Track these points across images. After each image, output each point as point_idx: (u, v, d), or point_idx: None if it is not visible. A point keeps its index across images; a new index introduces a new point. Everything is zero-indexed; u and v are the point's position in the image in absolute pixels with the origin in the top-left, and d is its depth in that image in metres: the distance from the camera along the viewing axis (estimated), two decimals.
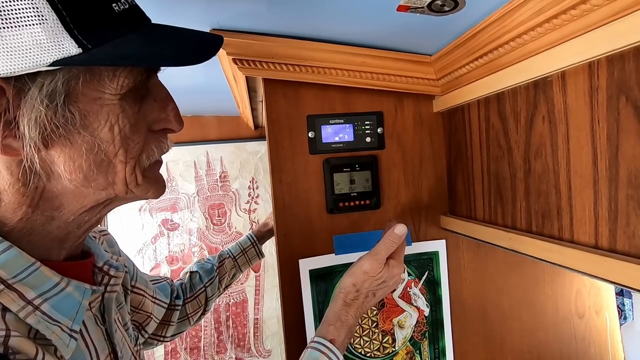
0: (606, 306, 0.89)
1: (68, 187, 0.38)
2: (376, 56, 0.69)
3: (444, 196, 0.81)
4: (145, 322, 0.71)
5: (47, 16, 0.30)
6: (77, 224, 0.41)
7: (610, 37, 0.40)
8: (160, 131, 0.43)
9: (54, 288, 0.38)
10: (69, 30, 0.31)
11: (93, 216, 0.42)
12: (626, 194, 0.42)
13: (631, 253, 0.41)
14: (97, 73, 0.35)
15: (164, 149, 0.44)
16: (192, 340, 1.54)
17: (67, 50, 0.31)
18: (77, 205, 0.40)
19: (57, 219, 0.40)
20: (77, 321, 0.39)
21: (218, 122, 1.56)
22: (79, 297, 0.41)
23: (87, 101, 0.35)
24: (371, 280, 0.60)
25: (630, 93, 0.40)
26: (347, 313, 0.59)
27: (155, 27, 0.39)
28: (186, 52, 0.39)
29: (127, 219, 1.49)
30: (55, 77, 0.33)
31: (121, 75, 0.36)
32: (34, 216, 0.38)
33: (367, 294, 0.60)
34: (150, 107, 0.41)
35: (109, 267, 0.48)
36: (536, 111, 0.54)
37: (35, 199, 0.37)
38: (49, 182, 0.37)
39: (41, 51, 0.31)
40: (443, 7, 0.51)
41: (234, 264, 0.96)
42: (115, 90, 0.36)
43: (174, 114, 0.43)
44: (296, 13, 0.56)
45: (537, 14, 0.46)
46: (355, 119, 0.76)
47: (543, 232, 0.55)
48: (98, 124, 0.36)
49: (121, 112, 0.37)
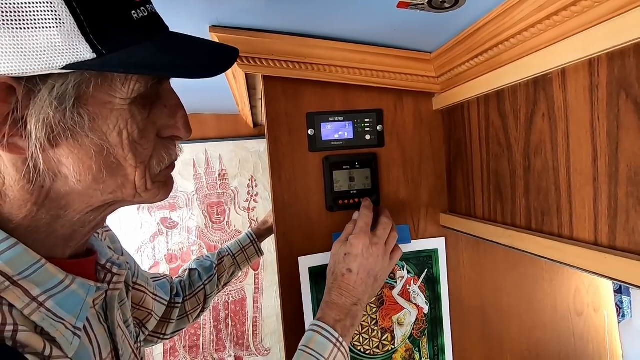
0: (605, 304, 0.89)
1: (75, 188, 0.38)
2: (376, 53, 0.68)
3: (444, 194, 0.81)
4: (146, 319, 0.71)
5: (65, 20, 0.30)
6: (82, 223, 0.42)
7: (610, 33, 0.40)
8: (169, 138, 0.43)
9: (58, 285, 0.38)
10: (85, 35, 0.31)
11: (98, 215, 0.43)
12: (626, 190, 0.42)
13: (631, 250, 0.41)
14: (109, 77, 0.35)
15: (174, 156, 0.44)
16: (191, 339, 1.54)
17: (82, 55, 0.31)
18: (83, 205, 0.40)
19: (63, 218, 0.40)
20: (80, 318, 0.40)
21: (217, 120, 1.56)
22: (84, 294, 0.41)
23: (97, 105, 0.35)
24: (335, 258, 0.65)
25: (631, 90, 0.40)
26: (330, 294, 0.62)
27: (172, 35, 0.39)
28: (201, 63, 0.39)
29: (125, 218, 1.49)
30: (67, 80, 0.33)
31: (132, 80, 0.36)
32: (39, 214, 0.38)
33: (341, 272, 0.63)
34: (160, 113, 0.41)
35: (112, 265, 0.49)
36: (536, 108, 0.54)
37: (40, 197, 0.38)
38: (55, 182, 0.37)
39: (56, 54, 0.30)
40: (443, 3, 0.51)
41: (233, 261, 0.96)
42: (126, 95, 0.36)
43: (184, 122, 0.43)
44: (296, 10, 0.56)
45: (537, 11, 0.46)
46: (355, 116, 0.76)
47: (543, 229, 0.55)
48: (107, 128, 0.36)
49: (130, 117, 0.37)
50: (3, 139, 0.33)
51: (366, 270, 0.62)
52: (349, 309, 0.60)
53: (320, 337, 0.56)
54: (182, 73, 0.37)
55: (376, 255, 0.63)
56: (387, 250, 0.66)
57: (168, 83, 0.42)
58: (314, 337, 0.56)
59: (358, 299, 0.61)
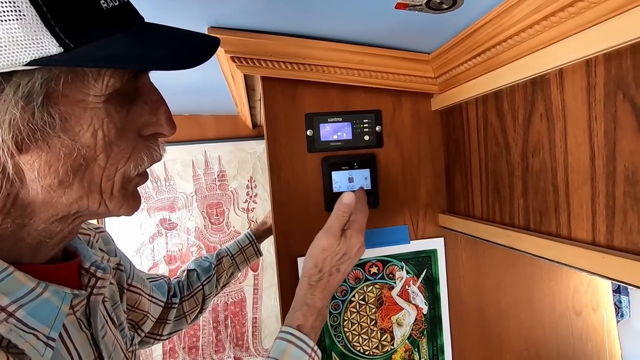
0: (603, 303, 0.89)
1: (39, 194, 0.35)
2: (374, 54, 0.69)
3: (442, 194, 0.81)
4: (142, 320, 0.71)
5: (26, 12, 0.28)
6: (49, 234, 0.39)
7: (607, 34, 0.40)
8: (151, 136, 0.40)
9: (29, 293, 0.36)
10: (50, 28, 0.29)
11: (65, 226, 0.40)
12: (623, 190, 0.42)
13: (628, 249, 0.42)
14: (80, 73, 0.32)
15: (156, 156, 0.41)
16: (190, 340, 1.54)
17: (47, 49, 0.29)
18: (47, 214, 0.37)
19: (28, 226, 0.37)
20: (55, 328, 0.37)
21: (216, 121, 1.56)
22: (58, 302, 0.38)
23: (69, 103, 0.33)
24: (331, 255, 0.59)
25: (628, 90, 0.40)
26: (313, 295, 0.57)
27: (147, 26, 0.37)
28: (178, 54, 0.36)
29: (124, 219, 1.49)
30: (33, 77, 0.30)
31: (106, 74, 0.33)
32: (4, 223, 0.35)
33: (330, 271, 0.59)
34: (140, 110, 0.38)
35: (96, 269, 0.46)
36: (534, 109, 0.54)
37: (6, 206, 0.35)
38: (22, 189, 0.35)
39: (17, 49, 0.28)
40: (441, 4, 0.51)
41: (232, 262, 0.96)
42: (100, 92, 0.34)
43: (166, 118, 0.40)
44: (294, 11, 0.56)
45: (534, 12, 0.46)
46: (354, 117, 0.76)
47: (541, 229, 0.55)
48: (80, 128, 0.34)
49: (106, 116, 0.35)
50: None
51: (347, 273, 0.60)
52: (324, 313, 0.57)
53: (296, 350, 0.52)
54: (157, 65, 0.35)
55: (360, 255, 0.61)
56: None
57: (147, 78, 0.40)
58: (288, 349, 0.52)
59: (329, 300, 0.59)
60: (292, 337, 0.53)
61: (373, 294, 0.78)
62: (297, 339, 0.53)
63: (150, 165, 0.41)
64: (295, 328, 0.54)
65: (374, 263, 0.78)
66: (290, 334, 0.54)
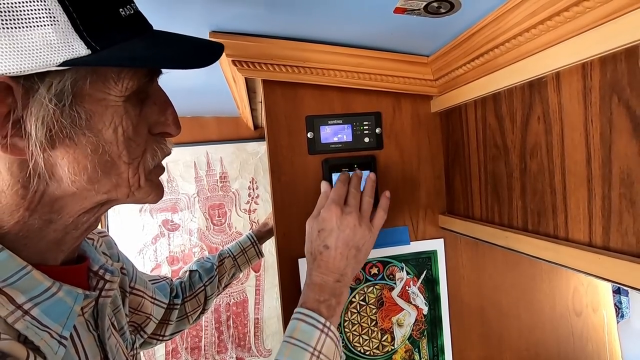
0: (603, 304, 0.89)
1: (69, 190, 0.38)
2: (373, 57, 0.69)
3: (442, 195, 0.82)
4: (144, 323, 0.71)
5: (59, 17, 0.31)
6: (75, 226, 0.41)
7: (602, 38, 0.40)
8: (159, 134, 0.44)
9: (44, 293, 0.38)
10: (79, 32, 0.32)
11: (92, 216, 0.42)
12: (619, 192, 0.42)
13: (624, 251, 0.42)
14: (102, 74, 0.36)
15: (166, 150, 0.45)
16: (192, 340, 1.55)
17: (77, 51, 0.32)
18: (76, 208, 0.40)
19: (55, 222, 0.39)
20: (67, 327, 0.39)
21: (218, 122, 1.57)
22: (71, 302, 0.40)
23: (93, 102, 0.36)
24: (311, 237, 0.62)
25: (622, 93, 0.40)
26: (311, 275, 0.59)
27: (158, 33, 0.40)
28: (190, 55, 0.40)
29: (127, 220, 1.50)
30: (64, 77, 0.34)
31: (126, 77, 0.37)
32: (31, 220, 0.38)
33: (318, 249, 0.60)
34: (151, 110, 0.42)
35: (105, 272, 0.48)
36: (531, 111, 0.55)
37: (34, 202, 0.37)
38: (50, 185, 0.37)
39: (52, 51, 0.31)
40: (439, 9, 0.52)
41: (233, 263, 0.97)
42: (120, 92, 0.37)
43: (173, 118, 0.44)
44: (294, 15, 0.57)
45: (531, 16, 0.47)
46: (354, 119, 0.76)
47: (539, 231, 0.55)
48: (102, 125, 0.37)
49: (124, 113, 0.38)
50: (4, 140, 0.33)
51: (344, 243, 0.59)
52: (333, 287, 0.57)
53: (304, 325, 0.53)
54: (174, 64, 0.38)
55: (352, 225, 0.59)
56: (364, 217, 0.62)
57: (157, 82, 0.44)
58: (297, 326, 0.53)
59: (340, 275, 0.58)
60: (298, 314, 0.55)
61: (373, 294, 0.79)
62: (303, 315, 0.55)
63: (163, 158, 0.45)
64: (300, 306, 0.56)
65: (374, 264, 0.79)
66: (297, 312, 0.56)
